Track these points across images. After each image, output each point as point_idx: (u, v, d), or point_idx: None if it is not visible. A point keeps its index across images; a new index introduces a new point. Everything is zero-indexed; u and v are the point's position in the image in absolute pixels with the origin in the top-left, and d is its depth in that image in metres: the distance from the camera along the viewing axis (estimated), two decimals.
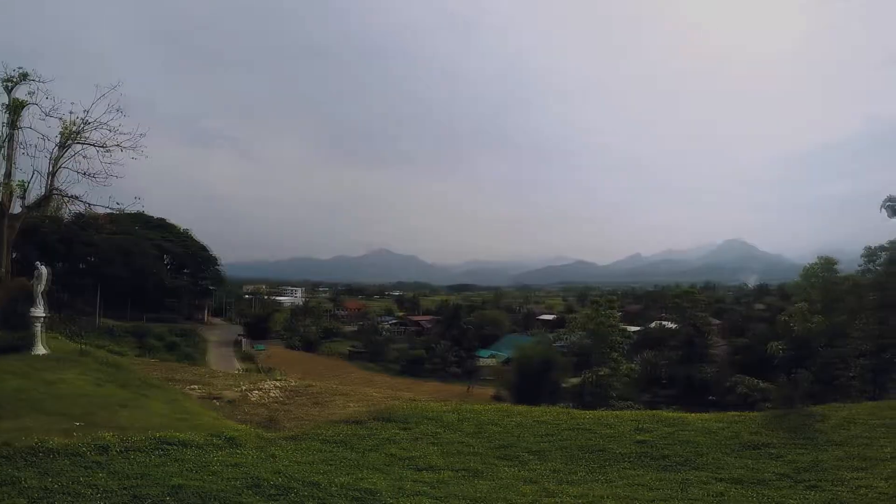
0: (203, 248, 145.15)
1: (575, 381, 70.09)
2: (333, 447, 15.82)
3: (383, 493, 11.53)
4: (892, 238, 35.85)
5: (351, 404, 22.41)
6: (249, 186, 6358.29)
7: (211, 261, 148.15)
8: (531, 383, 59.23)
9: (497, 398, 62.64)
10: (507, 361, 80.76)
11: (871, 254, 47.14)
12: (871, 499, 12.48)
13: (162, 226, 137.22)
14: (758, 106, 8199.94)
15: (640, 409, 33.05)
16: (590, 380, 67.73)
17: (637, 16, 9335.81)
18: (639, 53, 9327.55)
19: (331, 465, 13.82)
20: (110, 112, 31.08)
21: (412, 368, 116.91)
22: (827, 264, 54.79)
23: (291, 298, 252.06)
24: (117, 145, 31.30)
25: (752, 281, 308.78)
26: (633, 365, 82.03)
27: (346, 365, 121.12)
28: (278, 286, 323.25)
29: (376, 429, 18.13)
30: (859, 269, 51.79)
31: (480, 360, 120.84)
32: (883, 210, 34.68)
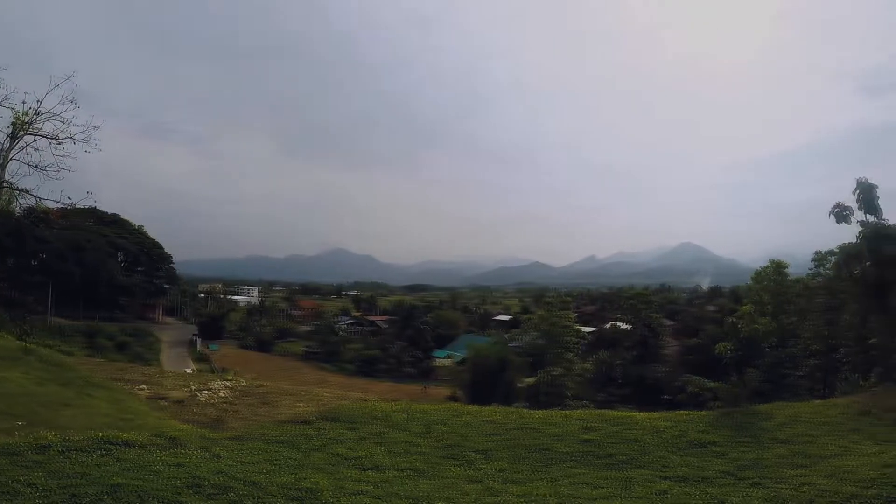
0: (157, 246, 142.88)
1: (530, 381, 70.47)
2: (278, 447, 15.78)
3: (324, 492, 11.56)
4: (840, 243, 36.66)
5: (300, 404, 22.34)
6: (205, 182, 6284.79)
7: (165, 258, 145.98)
8: (486, 383, 59.43)
9: (452, 398, 62.73)
10: (462, 362, 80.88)
11: (820, 258, 48.24)
12: (812, 496, 12.78)
13: (115, 222, 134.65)
14: (715, 113, 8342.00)
15: (592, 409, 33.42)
16: (544, 380, 68.25)
17: (602, 20, 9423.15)
18: (603, 57, 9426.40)
19: (274, 464, 13.82)
20: (63, 103, 30.19)
21: (367, 369, 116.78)
22: (778, 268, 55.87)
23: (247, 298, 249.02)
24: (70, 137, 30.32)
25: (705, 283, 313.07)
26: (587, 365, 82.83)
27: (301, 365, 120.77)
28: (233, 285, 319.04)
29: (323, 429, 18.11)
30: (809, 272, 52.94)
31: (436, 360, 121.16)
32: (831, 216, 35.40)
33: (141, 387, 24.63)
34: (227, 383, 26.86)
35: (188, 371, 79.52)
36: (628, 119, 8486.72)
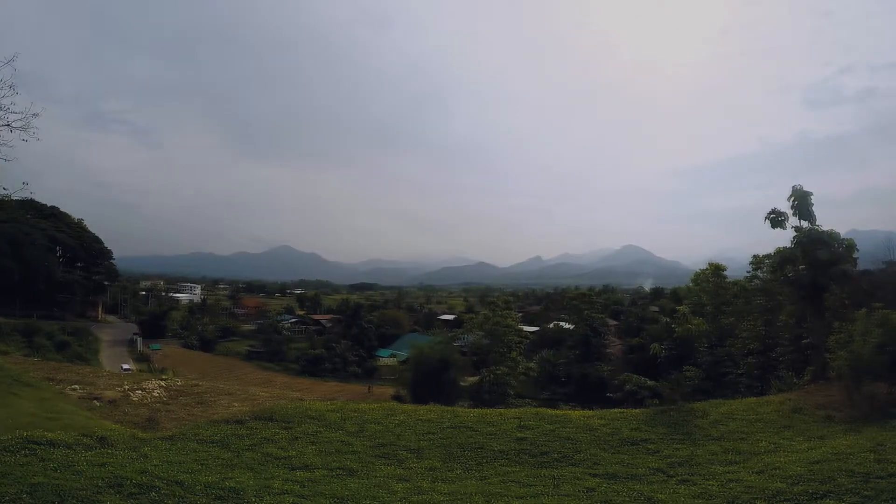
0: (97, 240, 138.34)
1: (473, 379, 70.54)
2: (209, 447, 15.62)
3: (248, 491, 11.48)
4: (776, 247, 37.67)
5: (235, 404, 22.17)
6: (149, 175, 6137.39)
7: (105, 254, 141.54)
8: (429, 382, 59.19)
9: (397, 398, 62.44)
10: (405, 361, 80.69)
11: (758, 262, 49.35)
12: (738, 492, 13.05)
13: (54, 215, 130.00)
14: (661, 120, 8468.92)
15: (534, 407, 33.61)
16: (488, 378, 68.31)
17: (556, 24, 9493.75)
18: (555, 60, 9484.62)
19: (202, 464, 13.68)
20: (2, 88, 28.98)
21: (312, 368, 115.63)
22: (716, 270, 56.96)
23: (189, 295, 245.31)
24: (7, 125, 29.15)
25: (648, 285, 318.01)
26: (531, 364, 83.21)
27: (244, 365, 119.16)
28: (176, 282, 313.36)
29: (256, 428, 17.96)
30: (747, 275, 54.11)
31: (381, 359, 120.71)
32: (767, 221, 36.36)
33: (73, 387, 24.19)
34: (162, 383, 26.49)
35: (125, 368, 78.16)
36: (577, 122, 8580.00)
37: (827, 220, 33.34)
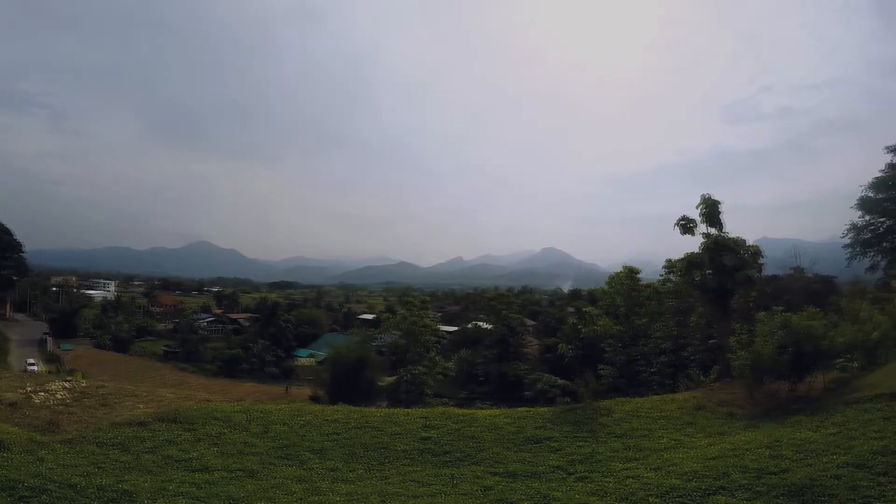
0: (6, 232, 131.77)
1: (391, 379, 70.55)
2: (109, 450, 15.35)
3: (142, 494, 11.37)
4: (687, 252, 38.90)
5: (140, 406, 21.66)
6: (65, 164, 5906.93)
7: (14, 247, 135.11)
8: (347, 382, 59.03)
9: (315, 398, 62.01)
10: (323, 361, 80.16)
11: (671, 266, 50.62)
12: (634, 489, 13.36)
13: None
14: (586, 128, 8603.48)
15: (451, 406, 33.78)
16: (405, 378, 68.40)
17: (486, 26, 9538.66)
18: (488, 61, 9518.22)
19: (99, 467, 13.46)
20: None
21: (229, 369, 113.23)
22: (630, 273, 58.06)
23: (103, 292, 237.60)
24: None
25: (566, 286, 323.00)
26: (449, 363, 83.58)
27: (160, 366, 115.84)
28: (89, 278, 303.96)
29: (159, 430, 17.72)
30: (660, 278, 55.55)
31: (299, 359, 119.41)
32: (676, 228, 37.49)
33: None
34: (66, 384, 25.67)
35: (29, 363, 75.70)
36: (506, 125, 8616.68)
37: (741, 228, 34.65)
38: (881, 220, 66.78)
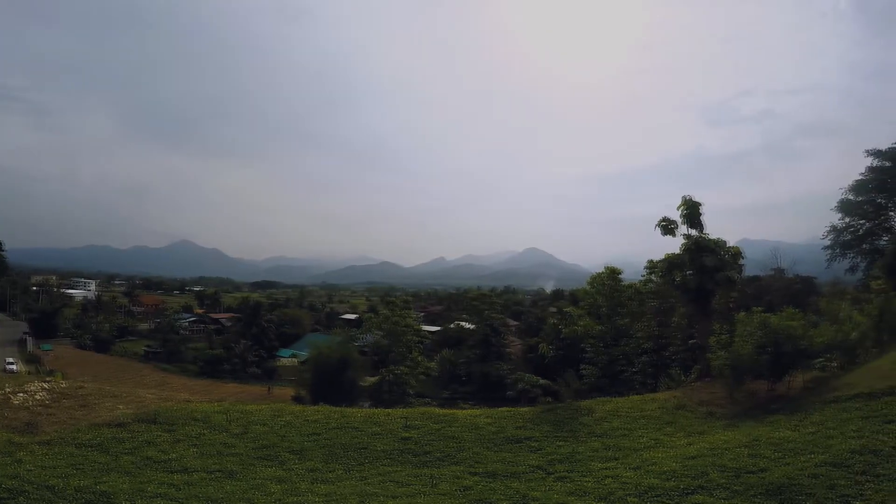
0: None
1: (373, 379, 70.50)
2: (88, 451, 15.27)
3: (120, 495, 11.33)
4: (667, 253, 39.20)
5: (120, 406, 21.51)
6: (46, 161, 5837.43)
7: None
8: (329, 383, 58.95)
9: (297, 399, 61.92)
10: (306, 361, 79.96)
11: (652, 266, 50.95)
12: (613, 488, 13.41)
13: None
14: (569, 129, 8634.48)
15: (433, 406, 33.82)
16: (388, 378, 68.36)
17: (466, 26, 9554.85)
18: (468, 62, 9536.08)
19: (77, 469, 13.39)
20: None
21: (211, 370, 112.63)
22: (612, 273, 58.29)
23: (84, 292, 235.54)
24: None
25: (549, 286, 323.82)
26: (431, 363, 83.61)
27: (141, 367, 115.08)
28: (70, 277, 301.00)
29: (138, 431, 17.64)
30: (642, 278, 55.84)
31: (281, 360, 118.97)
32: (658, 229, 37.77)
33: None
34: (46, 385, 25.48)
35: (8, 363, 75.12)
36: (486, 126, 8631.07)
37: (722, 229, 34.98)
38: (861, 222, 67.65)
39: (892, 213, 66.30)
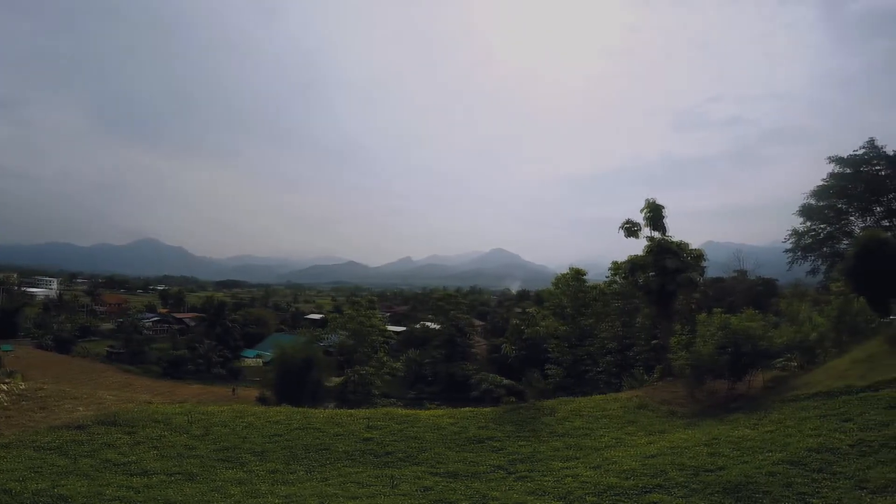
0: None
1: (338, 380, 70.29)
2: (46, 454, 15.09)
3: (78, 498, 11.24)
4: (630, 254, 39.74)
5: (80, 408, 21.28)
6: (6, 154, 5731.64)
7: None
8: (293, 383, 58.56)
9: (262, 400, 61.51)
10: (270, 362, 79.54)
11: (616, 267, 51.45)
12: (572, 487, 13.50)
13: None
14: (540, 132, 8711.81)
15: (398, 406, 33.85)
16: (352, 378, 68.19)
17: (442, 26, 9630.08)
18: (441, 65, 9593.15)
19: (35, 472, 13.22)
20: None
21: (175, 370, 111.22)
22: (576, 274, 58.71)
23: (45, 290, 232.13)
24: None
25: (515, 287, 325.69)
26: (397, 364, 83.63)
27: (104, 367, 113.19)
28: (31, 275, 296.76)
29: (98, 434, 17.45)
30: (606, 279, 56.33)
31: (246, 360, 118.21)
32: (621, 231, 38.13)
33: None
34: (4, 387, 25.09)
35: None
36: (459, 126, 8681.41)
37: (689, 231, 35.56)
38: (822, 226, 69.05)
39: (851, 218, 67.81)
